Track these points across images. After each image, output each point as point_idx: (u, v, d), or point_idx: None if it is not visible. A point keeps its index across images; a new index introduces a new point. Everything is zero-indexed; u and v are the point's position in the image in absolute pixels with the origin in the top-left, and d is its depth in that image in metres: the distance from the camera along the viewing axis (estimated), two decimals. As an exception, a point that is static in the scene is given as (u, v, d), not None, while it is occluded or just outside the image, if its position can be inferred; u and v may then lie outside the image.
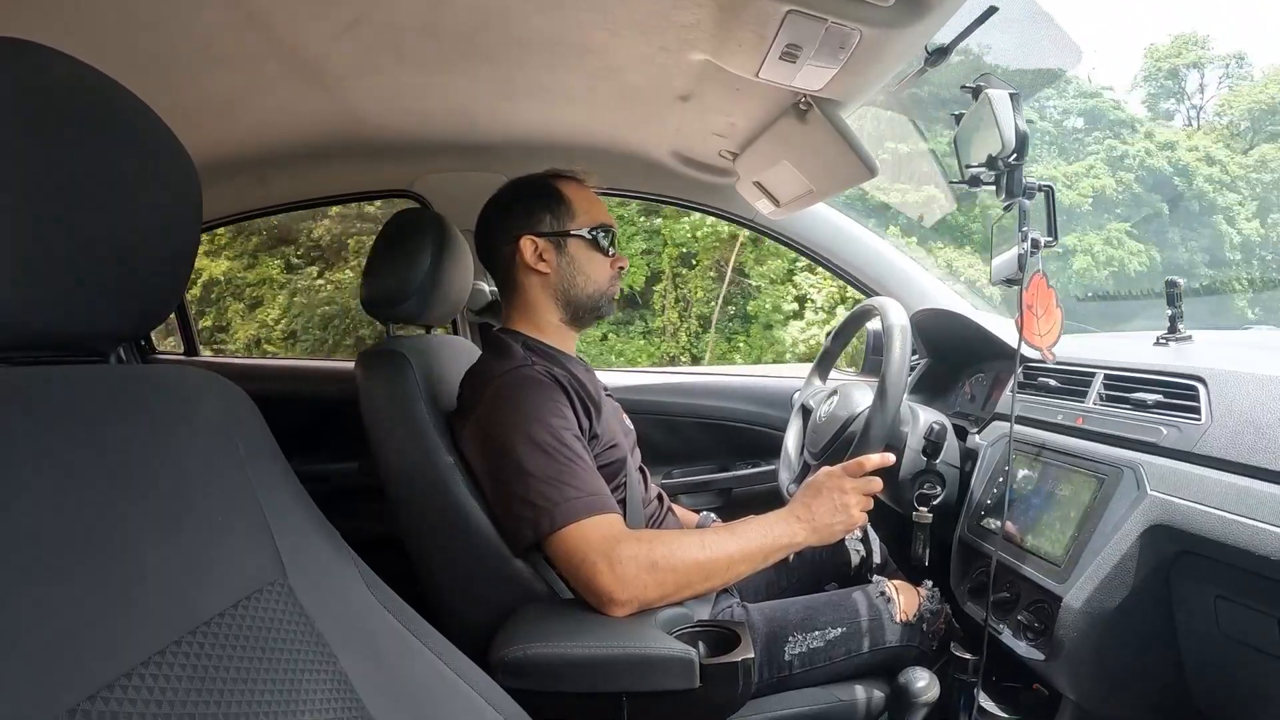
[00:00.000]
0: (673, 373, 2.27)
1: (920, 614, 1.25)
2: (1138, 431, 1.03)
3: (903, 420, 1.32)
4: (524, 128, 1.73)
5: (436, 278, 1.25)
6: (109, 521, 0.50)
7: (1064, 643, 0.98)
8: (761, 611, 1.25)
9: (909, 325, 1.26)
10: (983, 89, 1.04)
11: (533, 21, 1.16)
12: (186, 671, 0.49)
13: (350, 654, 0.64)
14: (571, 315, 1.27)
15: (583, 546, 1.01)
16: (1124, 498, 0.98)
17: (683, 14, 1.07)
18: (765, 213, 1.83)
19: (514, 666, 0.93)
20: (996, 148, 1.02)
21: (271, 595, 0.60)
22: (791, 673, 1.19)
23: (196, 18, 1.10)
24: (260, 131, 1.68)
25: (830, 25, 0.95)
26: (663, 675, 0.94)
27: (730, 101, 1.39)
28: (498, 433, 1.07)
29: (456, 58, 1.31)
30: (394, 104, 1.56)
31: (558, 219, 1.23)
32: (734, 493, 2.05)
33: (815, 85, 1.15)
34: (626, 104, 1.54)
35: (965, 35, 1.04)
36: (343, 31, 1.18)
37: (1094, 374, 1.20)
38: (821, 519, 1.13)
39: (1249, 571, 0.82)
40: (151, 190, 0.59)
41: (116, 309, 0.58)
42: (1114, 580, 0.95)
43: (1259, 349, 1.30)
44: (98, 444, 0.53)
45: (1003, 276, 1.11)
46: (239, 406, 0.70)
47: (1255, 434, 0.87)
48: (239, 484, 0.64)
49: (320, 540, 0.72)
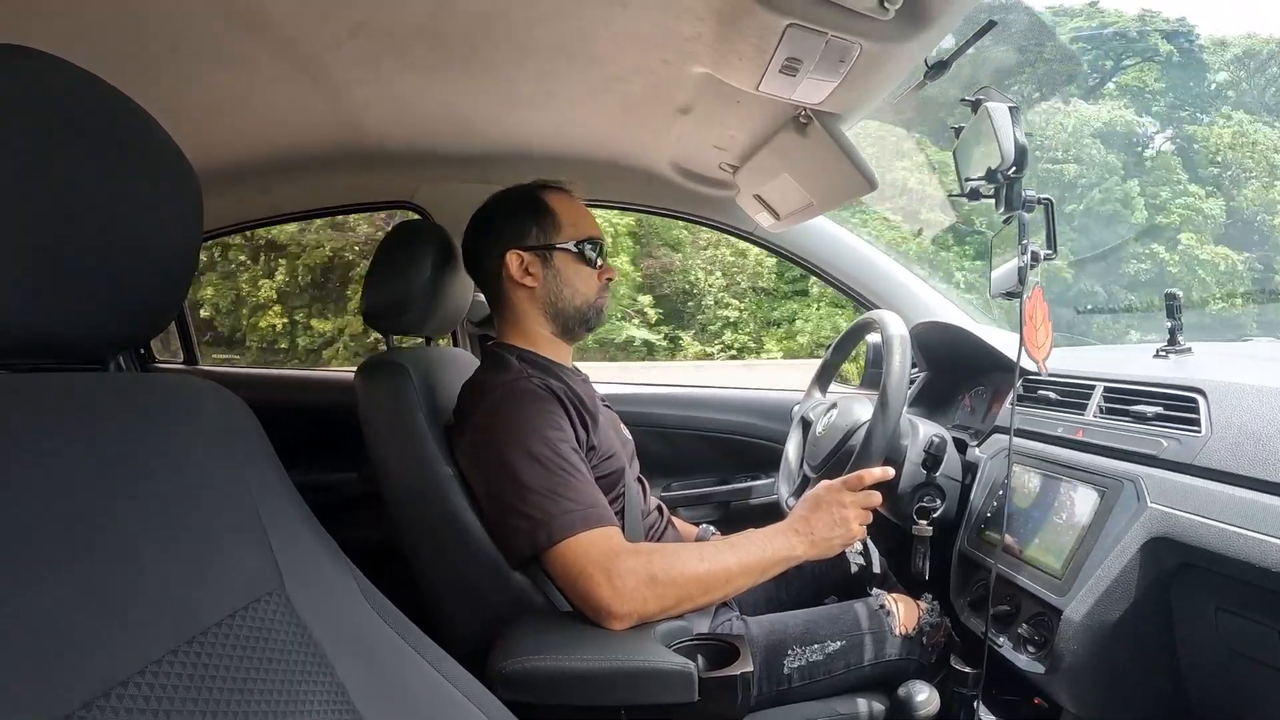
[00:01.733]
0: (671, 385, 2.26)
1: (920, 627, 1.24)
2: (1138, 444, 1.03)
3: (902, 433, 1.32)
4: (524, 139, 1.73)
5: (436, 289, 1.25)
6: (107, 529, 0.50)
7: (1064, 655, 0.98)
8: (761, 625, 1.25)
9: (909, 337, 1.26)
10: (982, 102, 1.04)
11: (535, 31, 1.17)
12: (184, 680, 0.49)
13: (347, 664, 0.64)
14: (561, 328, 1.27)
15: (581, 560, 1.01)
16: (1124, 510, 0.98)
17: (684, 26, 1.07)
18: (765, 226, 1.83)
19: (512, 679, 0.92)
20: (996, 161, 1.02)
21: (269, 605, 0.60)
22: (791, 686, 1.18)
23: (199, 25, 1.11)
24: (262, 140, 1.68)
25: (830, 39, 0.96)
26: (662, 689, 0.94)
27: (730, 114, 1.39)
28: (494, 445, 1.07)
29: (458, 66, 1.31)
30: (395, 113, 1.56)
31: (544, 232, 1.23)
32: (733, 506, 2.04)
33: (815, 99, 1.16)
34: (627, 115, 1.55)
35: (965, 48, 1.05)
36: (345, 39, 1.18)
37: (1094, 386, 1.20)
38: (820, 533, 1.12)
39: (1249, 583, 0.82)
40: (153, 198, 0.59)
41: (116, 317, 0.58)
42: (1114, 593, 0.94)
43: (1259, 361, 1.31)
44: (97, 452, 0.53)
45: (1003, 289, 1.12)
46: (238, 415, 0.69)
47: (1255, 446, 0.87)
48: (237, 493, 0.64)
49: (318, 550, 0.71)
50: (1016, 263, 1.06)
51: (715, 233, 2.82)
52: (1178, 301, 1.27)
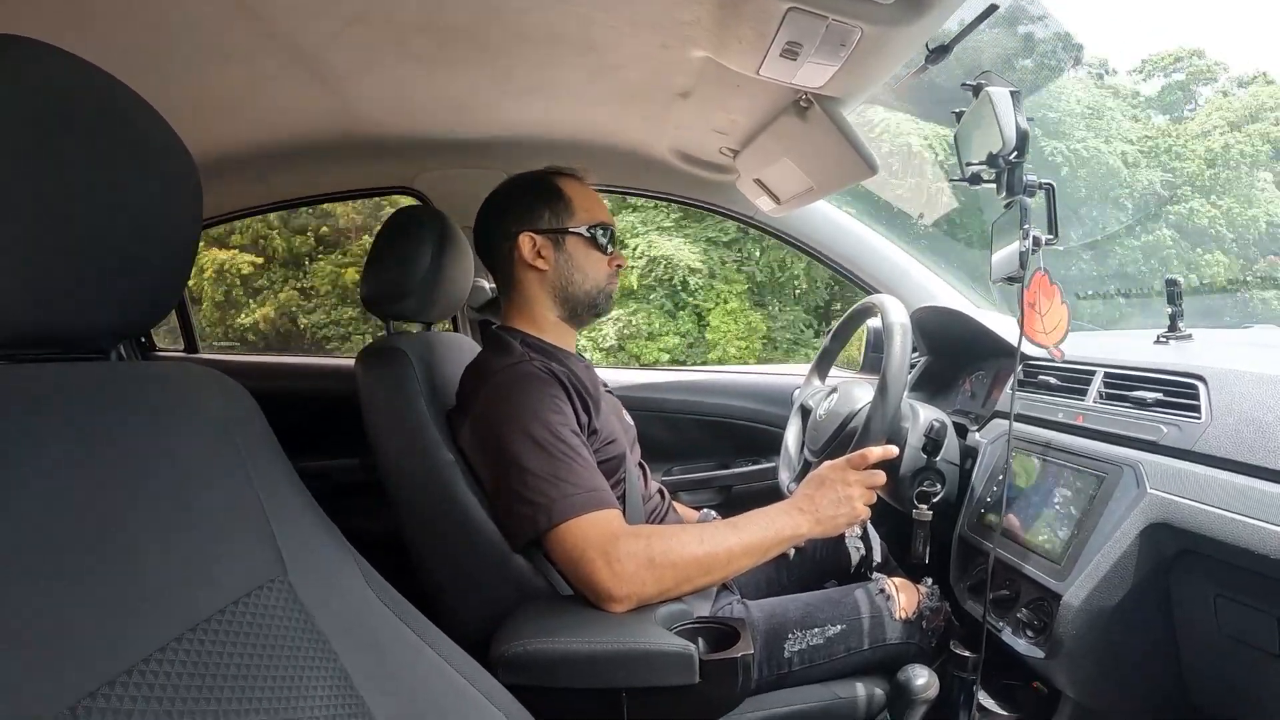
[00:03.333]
0: (673, 370, 2.27)
1: (920, 611, 1.25)
2: (1138, 430, 1.03)
3: (903, 418, 1.32)
4: (524, 124, 1.73)
5: (437, 275, 1.25)
6: (110, 518, 0.50)
7: (1063, 640, 0.98)
8: (761, 608, 1.25)
9: (909, 322, 1.26)
10: (983, 86, 1.04)
11: (533, 17, 1.16)
12: (188, 668, 0.50)
13: (350, 650, 0.64)
14: (569, 312, 1.27)
15: (581, 543, 1.01)
16: (1124, 496, 0.98)
17: (683, 11, 1.07)
18: (766, 210, 1.83)
19: (514, 662, 0.93)
20: (997, 145, 1.02)
21: (272, 592, 0.60)
22: (791, 670, 1.19)
23: (197, 14, 1.10)
24: (261, 128, 1.68)
25: (831, 22, 0.95)
26: (662, 671, 0.94)
27: (731, 99, 1.39)
28: (496, 429, 1.07)
29: (457, 53, 1.31)
30: (394, 100, 1.56)
31: (557, 216, 1.23)
32: (734, 490, 2.05)
33: (816, 83, 1.15)
34: (627, 101, 1.54)
35: (966, 33, 1.04)
36: (344, 27, 1.18)
37: (1094, 372, 1.20)
38: (825, 510, 1.13)
39: (1248, 570, 0.82)
40: (152, 187, 0.59)
41: (117, 306, 0.58)
42: (1113, 578, 0.95)
43: (1259, 347, 1.30)
44: (99, 441, 0.53)
45: (1004, 274, 1.11)
46: (240, 403, 0.70)
47: (1255, 432, 0.87)
48: (239, 481, 0.64)
49: (321, 537, 0.72)
50: (1018, 247, 1.05)
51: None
52: (1178, 288, 1.26)
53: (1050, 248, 1.05)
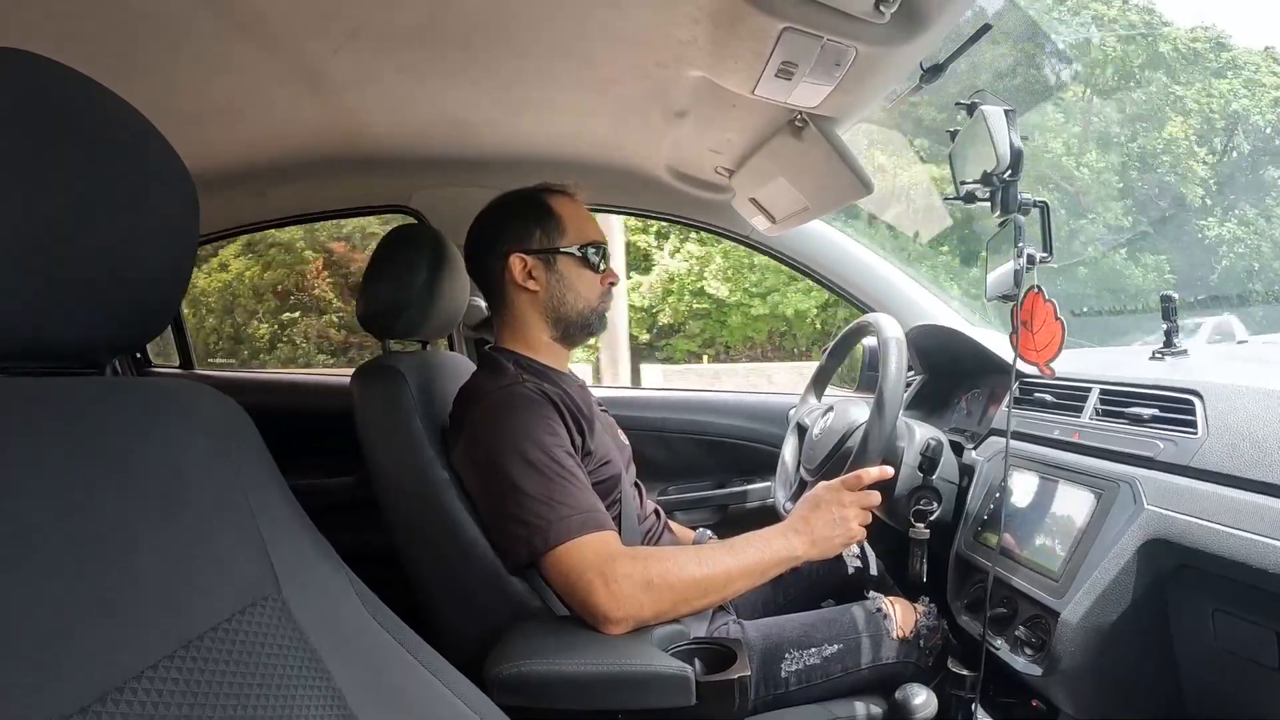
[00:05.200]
0: (667, 389, 2.26)
1: (917, 630, 1.24)
2: (1134, 446, 1.04)
3: (899, 436, 1.32)
4: (520, 142, 1.73)
5: (432, 293, 1.25)
6: (102, 533, 0.50)
7: (1061, 658, 0.98)
8: (758, 629, 1.24)
9: (904, 340, 1.27)
10: (977, 105, 1.05)
11: (530, 35, 1.17)
12: (179, 685, 0.49)
13: (344, 669, 0.64)
14: (562, 333, 1.27)
15: (578, 565, 1.00)
16: (1121, 512, 0.98)
17: (679, 30, 1.08)
18: (761, 229, 1.83)
19: (509, 683, 0.92)
20: (991, 164, 1.03)
21: (265, 610, 0.60)
22: (788, 690, 1.18)
23: (195, 29, 1.11)
24: (258, 144, 1.68)
25: (826, 43, 0.96)
26: (659, 693, 0.93)
27: (726, 118, 1.40)
28: (490, 450, 1.07)
29: (454, 70, 1.31)
30: (391, 117, 1.56)
31: (548, 235, 1.23)
32: (730, 509, 2.04)
33: (811, 102, 1.16)
34: (622, 119, 1.55)
35: (960, 52, 1.05)
36: (341, 43, 1.18)
37: (1090, 389, 1.20)
38: (820, 531, 1.12)
39: (1247, 585, 0.82)
40: (148, 202, 0.59)
41: (113, 321, 0.58)
42: (1111, 595, 0.95)
43: (1255, 363, 1.31)
44: (92, 456, 0.52)
45: (998, 292, 1.12)
46: (234, 419, 0.69)
47: (1252, 447, 0.88)
48: (233, 497, 0.63)
49: (314, 554, 0.71)
50: (1012, 265, 1.06)
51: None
52: (1173, 304, 1.27)
53: (1045, 265, 1.06)
